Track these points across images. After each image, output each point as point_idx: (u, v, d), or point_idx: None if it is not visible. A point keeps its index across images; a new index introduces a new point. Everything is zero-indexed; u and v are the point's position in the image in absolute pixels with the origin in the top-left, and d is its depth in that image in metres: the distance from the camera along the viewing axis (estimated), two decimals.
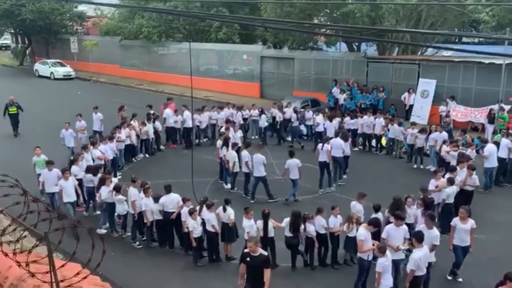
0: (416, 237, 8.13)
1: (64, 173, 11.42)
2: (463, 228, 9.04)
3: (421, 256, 7.89)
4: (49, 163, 11.99)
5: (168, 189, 10.58)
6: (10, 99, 19.54)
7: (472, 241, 9.12)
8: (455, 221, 9.16)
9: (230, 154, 13.76)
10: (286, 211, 10.79)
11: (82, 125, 16.62)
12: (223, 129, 16.00)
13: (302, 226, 9.65)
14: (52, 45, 41.89)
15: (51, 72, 35.98)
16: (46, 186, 11.80)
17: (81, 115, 16.84)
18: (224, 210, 10.04)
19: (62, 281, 2.84)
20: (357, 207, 10.21)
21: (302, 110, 19.64)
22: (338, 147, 14.07)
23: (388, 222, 9.99)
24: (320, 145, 14.04)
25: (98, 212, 12.17)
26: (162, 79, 32.90)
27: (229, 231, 10.07)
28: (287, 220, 9.68)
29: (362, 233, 8.65)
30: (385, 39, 22.92)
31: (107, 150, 14.14)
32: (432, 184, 11.38)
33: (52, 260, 2.74)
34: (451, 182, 11.12)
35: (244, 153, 13.48)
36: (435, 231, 8.81)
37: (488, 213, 12.32)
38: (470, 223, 9.11)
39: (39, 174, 12.37)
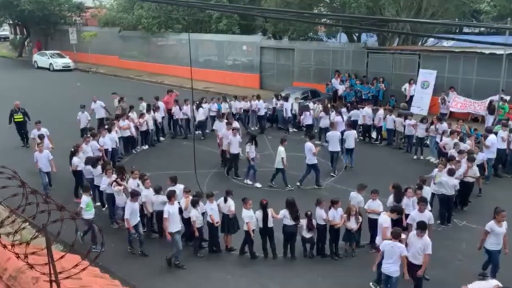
0: (421, 226, 8.21)
1: (171, 199, 9.67)
2: (501, 231, 8.73)
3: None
4: (134, 195, 9.89)
5: (174, 180, 10.62)
6: (16, 104, 16.95)
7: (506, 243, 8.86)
8: (492, 226, 8.74)
9: (279, 150, 13.20)
10: (283, 200, 10.76)
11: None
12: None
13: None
14: (50, 36, 41.77)
15: (50, 64, 35.88)
16: (132, 219, 9.81)
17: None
18: (225, 201, 10.05)
19: (60, 272, 2.84)
20: (358, 198, 10.23)
21: (302, 101, 19.60)
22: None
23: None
24: None
25: (98, 204, 12.19)
26: (161, 70, 32.81)
27: (230, 222, 10.09)
28: (283, 212, 9.73)
29: (387, 220, 8.70)
30: (385, 29, 22.80)
31: (106, 142, 14.15)
32: (434, 172, 11.55)
33: (50, 251, 2.73)
34: (450, 173, 11.12)
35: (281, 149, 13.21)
36: (428, 213, 9.13)
37: (487, 204, 12.32)
38: (505, 225, 8.80)
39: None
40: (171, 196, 9.69)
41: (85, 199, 10.18)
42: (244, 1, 29.68)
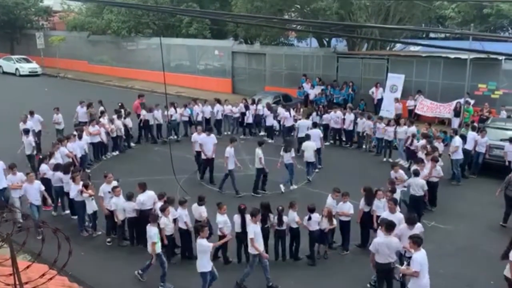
0: (383, 224, 8.31)
1: (254, 217, 8.92)
2: None
3: (381, 242, 8.10)
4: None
5: (143, 187, 10.47)
6: None
7: None
8: None
9: (308, 146, 13.93)
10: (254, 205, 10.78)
11: None
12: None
13: (272, 216, 9.74)
14: (17, 41, 40.71)
15: (16, 69, 34.97)
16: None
17: None
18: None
19: (26, 283, 2.78)
20: (328, 201, 10.35)
21: (274, 105, 19.71)
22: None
23: (364, 213, 10.18)
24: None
25: (67, 212, 11.95)
26: (132, 75, 32.42)
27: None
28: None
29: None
30: (354, 34, 23.25)
31: (75, 149, 13.88)
32: (392, 176, 11.67)
33: (15, 261, 2.67)
34: (415, 174, 11.38)
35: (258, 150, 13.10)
36: (399, 214, 9.19)
37: (454, 204, 12.69)
38: None
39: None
40: (255, 214, 8.96)
41: (154, 230, 8.97)
42: (214, 6, 29.68)
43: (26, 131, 14.69)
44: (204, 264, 8.40)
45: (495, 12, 22.07)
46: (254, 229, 8.84)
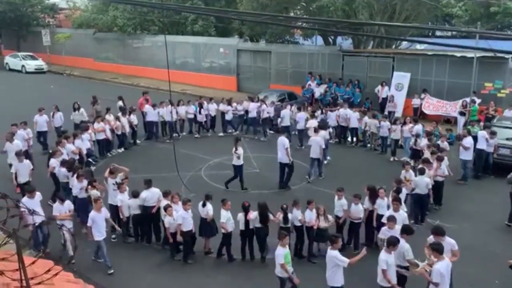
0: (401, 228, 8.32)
1: (390, 249, 7.57)
2: None
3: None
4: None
5: (148, 184, 10.50)
6: None
7: None
8: None
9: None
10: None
11: None
12: None
13: (271, 216, 9.73)
14: (23, 38, 40.93)
15: (22, 66, 35.14)
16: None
17: None
18: (204, 205, 9.97)
19: (32, 278, 2.80)
20: (341, 202, 10.25)
21: (279, 103, 19.69)
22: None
23: (370, 212, 10.15)
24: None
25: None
26: (137, 73, 32.50)
27: (208, 226, 10.02)
28: (255, 213, 9.73)
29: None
30: (360, 32, 23.17)
31: (81, 145, 13.94)
32: (402, 176, 11.66)
33: (21, 257, 2.69)
34: (421, 172, 11.35)
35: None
36: (403, 213, 9.21)
37: (460, 204, 12.65)
38: None
39: None
40: (393, 243, 7.62)
41: (280, 251, 8.00)
42: (220, 4, 29.68)
43: (19, 154, 12.23)
44: (338, 278, 7.67)
45: (502, 11, 21.91)
46: (387, 259, 7.55)
